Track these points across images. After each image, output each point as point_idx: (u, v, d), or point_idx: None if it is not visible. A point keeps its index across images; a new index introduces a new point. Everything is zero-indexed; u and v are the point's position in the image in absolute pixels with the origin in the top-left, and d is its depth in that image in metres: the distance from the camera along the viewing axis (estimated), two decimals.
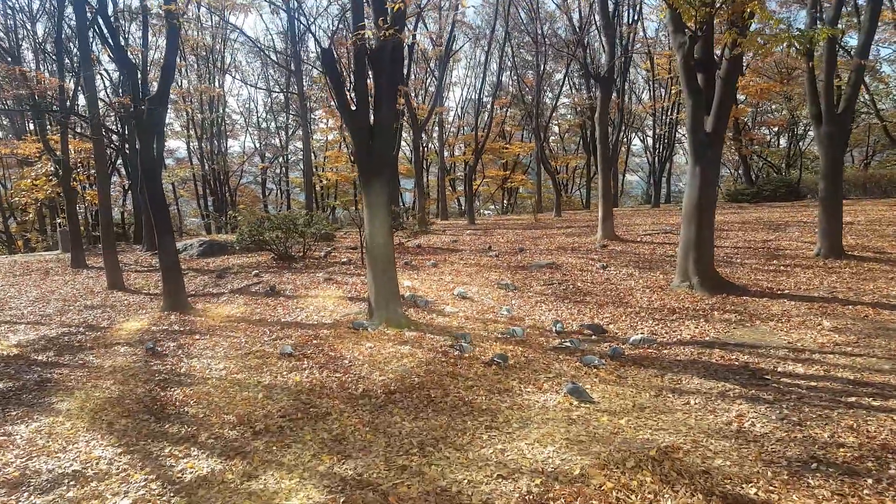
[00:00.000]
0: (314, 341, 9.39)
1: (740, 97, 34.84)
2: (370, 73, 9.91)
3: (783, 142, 45.19)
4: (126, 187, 34.20)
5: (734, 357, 8.19)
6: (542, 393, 7.13)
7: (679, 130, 40.31)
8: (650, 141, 46.60)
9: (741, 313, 10.19)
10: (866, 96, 29.06)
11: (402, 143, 35.91)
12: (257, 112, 47.51)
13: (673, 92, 36.22)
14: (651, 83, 40.95)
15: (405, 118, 26.12)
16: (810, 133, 44.56)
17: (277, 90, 39.43)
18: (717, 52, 13.77)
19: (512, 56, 36.07)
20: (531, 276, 13.42)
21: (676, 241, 17.08)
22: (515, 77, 38.13)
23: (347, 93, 10.34)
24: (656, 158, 40.30)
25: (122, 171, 34.95)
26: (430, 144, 43.41)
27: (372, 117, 9.87)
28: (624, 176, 48.43)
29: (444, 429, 6.16)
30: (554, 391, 7.15)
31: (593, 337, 9.33)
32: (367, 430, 6.18)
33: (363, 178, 10.09)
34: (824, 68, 14.80)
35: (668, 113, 38.31)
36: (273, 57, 34.48)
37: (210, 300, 12.99)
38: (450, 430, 6.12)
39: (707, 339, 9.04)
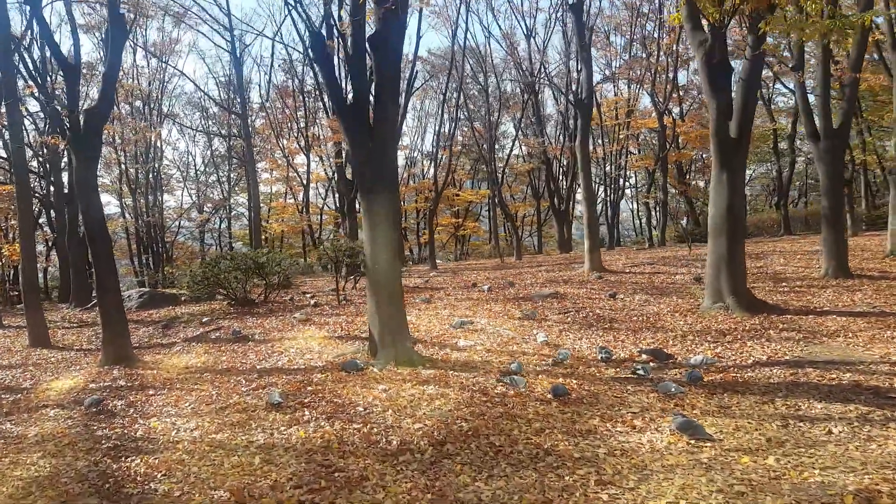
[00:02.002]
0: (308, 388, 7.42)
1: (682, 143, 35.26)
2: (370, 61, 8.32)
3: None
4: (50, 242, 30.97)
5: (834, 376, 6.77)
6: (639, 432, 5.42)
7: (628, 172, 40.46)
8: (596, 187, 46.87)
9: (799, 331, 8.86)
10: None
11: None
12: (195, 165, 44.97)
13: (621, 136, 36.31)
14: (601, 128, 41.09)
15: None
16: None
17: (222, 133, 37.28)
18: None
19: (465, 104, 35.36)
20: (540, 307, 11.79)
21: (667, 272, 15.98)
22: (468, 125, 37.46)
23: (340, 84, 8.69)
24: (608, 202, 39.99)
25: (46, 228, 31.81)
26: None
27: (372, 114, 8.24)
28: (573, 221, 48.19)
29: (539, 489, 4.37)
30: (654, 429, 5.45)
31: (651, 364, 7.72)
32: (433, 499, 4.31)
33: (362, 189, 8.37)
34: (819, 82, 14.22)
35: (616, 158, 38.36)
36: (216, 98, 32.59)
37: (160, 351, 10.77)
38: (549, 491, 4.33)
39: (786, 358, 7.59)
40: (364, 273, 16.98)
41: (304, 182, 38.85)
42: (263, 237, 39.68)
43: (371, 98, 8.51)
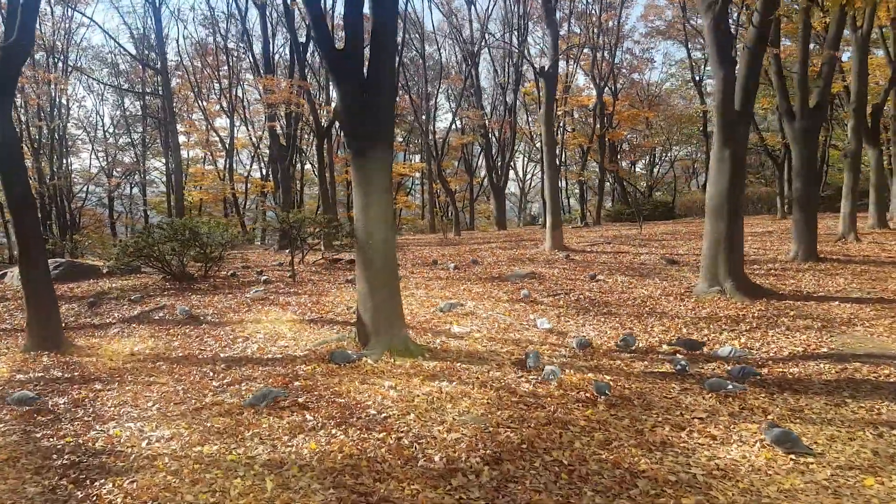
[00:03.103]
0: (296, 383, 6.27)
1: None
2: None
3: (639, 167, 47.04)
4: None
5: (888, 372, 6.30)
6: (723, 444, 4.66)
7: (561, 150, 40.25)
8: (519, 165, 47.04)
9: (813, 319, 8.44)
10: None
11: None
12: (103, 126, 41.10)
13: (558, 113, 35.94)
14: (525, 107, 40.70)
15: (307, 120, 22.70)
16: (666, 158, 46.95)
17: (136, 90, 34.13)
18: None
19: (402, 71, 33.91)
20: (520, 288, 10.96)
21: (629, 252, 15.58)
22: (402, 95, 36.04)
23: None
24: (543, 179, 39.75)
25: None
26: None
27: (367, 61, 7.04)
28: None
29: None
30: (738, 440, 4.71)
31: (678, 354, 7.04)
32: None
33: (354, 147, 7.17)
34: (799, 58, 13.97)
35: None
36: (132, 52, 29.69)
37: (93, 333, 9.23)
38: None
39: (823, 351, 7.09)
40: (315, 247, 15.77)
41: (227, 147, 36.37)
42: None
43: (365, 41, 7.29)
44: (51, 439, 5.06)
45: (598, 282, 11.45)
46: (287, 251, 15.68)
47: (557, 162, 16.23)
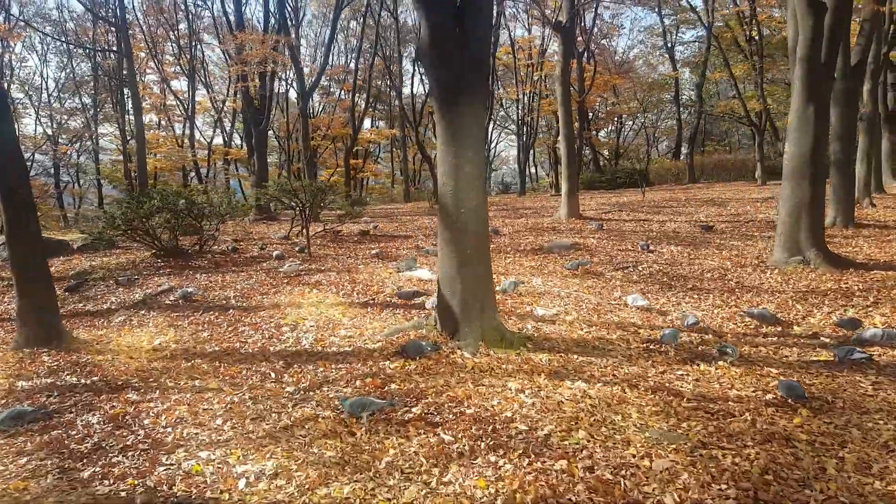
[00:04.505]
0: (392, 385, 5.02)
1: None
2: None
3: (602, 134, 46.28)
4: None
5: None
6: None
7: (543, 119, 39.07)
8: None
9: None
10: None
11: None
12: (47, 89, 37.75)
13: (535, 79, 34.62)
14: (516, 70, 39.17)
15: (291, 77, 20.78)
16: (633, 126, 46.41)
17: (87, 47, 31.23)
18: None
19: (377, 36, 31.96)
20: (569, 258, 9.84)
21: (647, 219, 14.66)
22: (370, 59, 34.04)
23: None
24: (521, 145, 38.53)
25: None
26: None
27: None
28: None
29: None
30: None
31: (821, 338, 6.04)
32: None
33: (443, 94, 5.81)
34: (831, 14, 13.05)
35: (530, 101, 36.50)
36: (85, 3, 26.89)
37: (94, 323, 7.72)
38: None
39: None
40: (317, 216, 14.19)
41: (188, 112, 33.95)
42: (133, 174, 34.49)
43: None
44: (105, 482, 3.70)
45: (654, 253, 10.41)
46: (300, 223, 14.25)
47: (571, 127, 14.97)
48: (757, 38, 26.14)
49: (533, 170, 47.92)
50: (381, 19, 33.21)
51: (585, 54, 33.25)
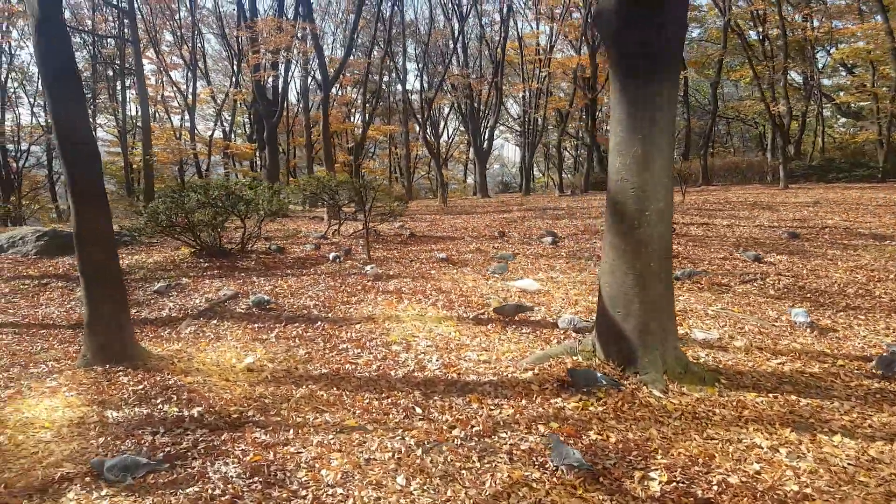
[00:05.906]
0: (590, 434, 4.04)
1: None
2: None
3: None
4: None
5: None
6: None
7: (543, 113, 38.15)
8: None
9: None
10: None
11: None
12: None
13: (542, 75, 33.50)
14: (523, 66, 38.25)
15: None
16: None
17: (86, 31, 29.70)
18: None
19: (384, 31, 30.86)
20: (687, 270, 8.90)
21: (706, 223, 13.78)
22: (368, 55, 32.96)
23: None
24: (526, 144, 37.50)
25: None
26: None
27: None
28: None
29: None
30: None
31: None
32: None
33: (630, 71, 4.82)
34: None
35: (536, 98, 35.25)
36: None
37: (158, 333, 6.67)
38: None
39: None
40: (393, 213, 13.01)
41: (189, 103, 32.65)
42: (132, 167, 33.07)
43: None
44: None
45: (764, 263, 9.45)
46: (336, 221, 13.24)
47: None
48: (779, 36, 25.46)
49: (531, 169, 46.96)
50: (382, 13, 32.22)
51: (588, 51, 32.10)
